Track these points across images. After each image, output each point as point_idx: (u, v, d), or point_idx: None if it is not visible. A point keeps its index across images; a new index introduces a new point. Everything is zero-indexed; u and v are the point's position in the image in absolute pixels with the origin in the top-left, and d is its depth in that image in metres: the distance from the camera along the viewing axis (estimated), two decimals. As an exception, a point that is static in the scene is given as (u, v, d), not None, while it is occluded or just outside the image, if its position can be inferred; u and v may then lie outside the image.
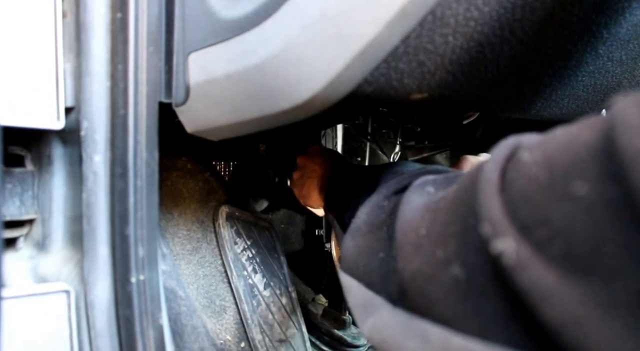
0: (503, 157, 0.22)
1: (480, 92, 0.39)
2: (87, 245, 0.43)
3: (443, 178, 0.32)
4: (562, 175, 0.18)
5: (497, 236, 0.20)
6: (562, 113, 0.50)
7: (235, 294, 0.71)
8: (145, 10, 0.40)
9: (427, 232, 0.26)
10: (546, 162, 0.19)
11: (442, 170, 0.39)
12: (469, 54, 0.32)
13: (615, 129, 0.16)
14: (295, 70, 0.33)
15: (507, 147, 0.23)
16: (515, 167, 0.21)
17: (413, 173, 0.38)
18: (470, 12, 0.29)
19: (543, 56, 0.37)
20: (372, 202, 0.37)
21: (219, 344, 0.68)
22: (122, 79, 0.41)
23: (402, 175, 0.39)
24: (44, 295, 0.42)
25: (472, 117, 0.61)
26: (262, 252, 0.79)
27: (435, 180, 0.33)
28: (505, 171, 0.22)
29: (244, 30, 0.35)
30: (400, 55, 0.30)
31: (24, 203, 0.45)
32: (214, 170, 0.76)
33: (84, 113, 0.42)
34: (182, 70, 0.41)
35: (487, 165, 0.23)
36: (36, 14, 0.40)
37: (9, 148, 0.45)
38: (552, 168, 0.19)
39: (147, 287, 0.44)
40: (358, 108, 0.65)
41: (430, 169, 0.39)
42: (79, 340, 0.43)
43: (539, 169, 0.19)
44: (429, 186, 0.31)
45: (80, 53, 0.42)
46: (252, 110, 0.38)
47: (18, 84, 0.40)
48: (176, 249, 0.68)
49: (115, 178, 0.42)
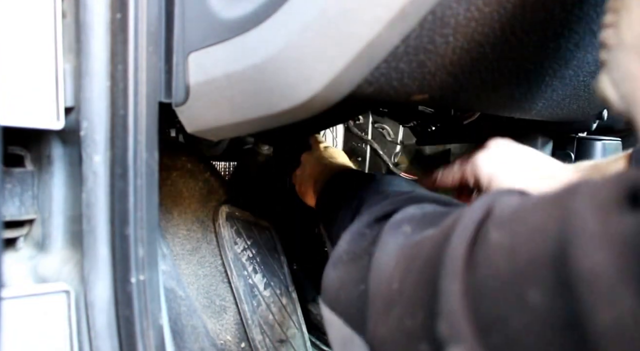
0: (474, 226, 0.22)
1: (481, 92, 0.38)
2: (87, 245, 0.43)
3: (421, 216, 0.31)
4: (521, 276, 0.18)
5: (452, 340, 0.19)
6: (563, 113, 0.50)
7: (236, 294, 0.71)
8: (145, 11, 0.40)
9: (398, 287, 0.26)
10: (509, 253, 0.19)
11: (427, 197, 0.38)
12: (470, 54, 0.32)
13: (572, 239, 0.16)
14: (295, 70, 0.33)
15: (480, 209, 0.23)
16: (482, 247, 0.21)
17: (396, 199, 0.37)
18: (470, 12, 0.28)
19: (544, 56, 0.37)
20: (354, 230, 0.36)
21: (219, 344, 0.68)
22: (122, 78, 0.41)
23: (386, 199, 0.38)
24: (44, 295, 0.42)
25: (473, 117, 0.61)
26: (263, 251, 0.79)
27: (413, 217, 0.32)
28: (473, 246, 0.21)
29: (244, 30, 0.35)
30: (401, 55, 0.30)
31: (23, 203, 0.45)
32: (214, 170, 0.76)
33: (84, 114, 0.42)
34: (182, 70, 0.41)
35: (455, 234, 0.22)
36: (36, 14, 0.40)
37: (8, 148, 0.45)
38: (514, 264, 0.18)
39: (147, 287, 0.44)
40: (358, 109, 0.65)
41: (415, 195, 0.38)
42: (79, 340, 0.43)
43: (502, 260, 0.19)
44: (405, 225, 0.31)
45: (80, 53, 0.42)
46: (252, 110, 0.38)
47: (18, 84, 0.39)
48: (176, 249, 0.68)
49: (115, 178, 0.42)
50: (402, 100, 0.35)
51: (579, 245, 0.16)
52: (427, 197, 0.38)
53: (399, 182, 0.47)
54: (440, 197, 0.39)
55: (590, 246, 0.15)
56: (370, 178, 0.48)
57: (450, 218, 0.25)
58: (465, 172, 0.53)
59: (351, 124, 1.01)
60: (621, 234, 0.15)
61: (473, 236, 0.21)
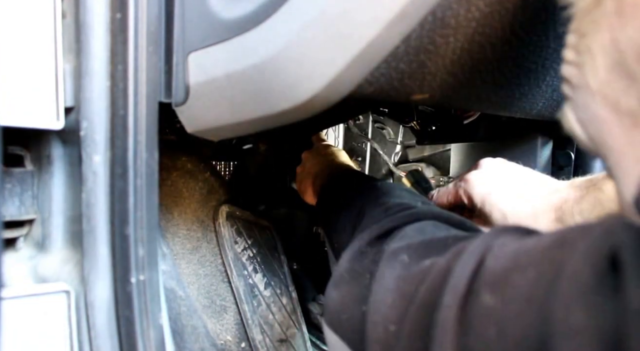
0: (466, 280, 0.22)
1: (481, 92, 0.38)
2: (87, 245, 0.43)
3: (418, 245, 0.31)
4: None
5: None
6: (563, 113, 0.49)
7: (236, 294, 0.71)
8: (145, 11, 0.40)
9: (395, 330, 0.26)
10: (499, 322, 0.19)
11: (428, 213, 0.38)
12: (470, 54, 0.32)
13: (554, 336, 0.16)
14: (295, 70, 0.33)
15: (474, 255, 0.23)
16: (473, 310, 0.21)
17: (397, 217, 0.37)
18: (471, 12, 0.28)
19: (545, 56, 0.37)
20: (354, 249, 0.36)
21: (219, 344, 0.68)
22: (122, 78, 0.41)
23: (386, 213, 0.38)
24: (44, 295, 0.42)
25: (473, 117, 0.61)
26: (263, 251, 0.79)
27: (411, 245, 0.31)
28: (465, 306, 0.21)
29: (243, 30, 0.35)
30: (401, 55, 0.30)
31: (23, 203, 0.45)
32: (214, 170, 0.76)
33: (84, 114, 0.42)
34: (181, 70, 0.41)
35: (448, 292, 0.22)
36: (36, 14, 0.40)
37: (8, 148, 0.45)
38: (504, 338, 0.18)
39: (147, 287, 0.44)
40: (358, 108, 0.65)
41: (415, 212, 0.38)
42: (79, 340, 0.43)
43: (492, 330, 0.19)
44: (403, 254, 0.31)
45: (80, 53, 0.42)
46: (252, 110, 0.38)
47: (18, 84, 0.39)
48: (176, 248, 0.68)
49: (115, 178, 0.42)
50: (402, 100, 0.35)
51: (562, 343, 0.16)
52: (427, 213, 0.38)
53: (400, 192, 0.47)
54: (441, 212, 0.39)
55: (573, 343, 0.15)
56: (370, 185, 0.48)
57: (446, 257, 0.25)
58: (459, 191, 0.53)
59: (351, 124, 1.01)
60: (603, 328, 0.15)
61: (465, 294, 0.21)
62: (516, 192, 0.49)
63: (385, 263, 0.31)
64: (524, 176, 0.51)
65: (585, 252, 0.17)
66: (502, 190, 0.49)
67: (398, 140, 0.96)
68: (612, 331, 0.14)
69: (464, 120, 0.62)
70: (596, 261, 0.16)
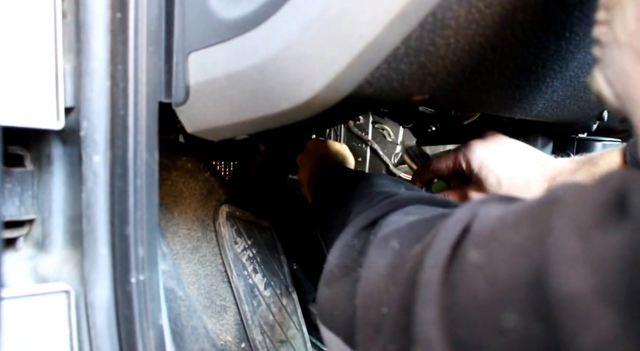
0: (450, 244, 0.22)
1: (481, 93, 0.38)
2: (87, 245, 0.43)
3: (407, 228, 0.31)
4: (498, 298, 0.18)
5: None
6: (563, 114, 0.50)
7: (236, 294, 0.71)
8: (145, 11, 0.40)
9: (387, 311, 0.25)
10: (487, 274, 0.19)
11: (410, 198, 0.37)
12: (471, 55, 0.32)
13: (549, 264, 0.16)
14: (296, 70, 0.33)
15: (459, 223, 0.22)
16: (459, 268, 0.20)
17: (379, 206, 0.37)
18: (471, 14, 0.28)
19: (545, 57, 0.37)
20: (342, 243, 0.36)
21: (219, 345, 0.68)
22: (122, 78, 0.41)
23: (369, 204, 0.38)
24: (44, 295, 0.42)
25: (474, 117, 0.61)
26: (263, 251, 0.79)
27: (399, 230, 0.31)
28: (450, 266, 0.21)
29: (244, 30, 0.35)
30: (401, 56, 0.30)
31: (23, 203, 0.45)
32: (214, 170, 0.76)
33: (84, 113, 0.42)
34: (182, 70, 0.41)
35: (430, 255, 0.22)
36: (36, 14, 0.40)
37: (8, 148, 0.45)
38: (491, 286, 0.18)
39: (147, 287, 0.44)
40: (358, 109, 0.65)
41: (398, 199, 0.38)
42: (79, 340, 0.43)
43: (479, 282, 0.19)
44: (393, 240, 0.30)
45: (80, 53, 0.42)
46: (252, 111, 0.38)
47: (18, 84, 0.39)
48: (176, 248, 0.68)
49: (115, 178, 0.42)
50: (402, 100, 0.35)
51: (557, 269, 0.15)
52: (409, 198, 0.38)
53: (382, 180, 0.47)
54: (423, 195, 0.39)
55: (569, 269, 0.15)
56: (355, 180, 0.48)
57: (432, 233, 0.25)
58: (459, 156, 0.54)
59: (351, 124, 1.01)
60: (601, 255, 0.15)
61: (449, 255, 0.21)
62: (513, 160, 0.50)
63: (376, 250, 0.31)
64: (524, 148, 0.52)
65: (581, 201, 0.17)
66: (499, 156, 0.51)
67: (398, 140, 0.96)
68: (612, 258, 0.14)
69: (464, 121, 0.62)
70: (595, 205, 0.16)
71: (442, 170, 0.57)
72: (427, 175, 0.60)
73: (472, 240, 0.21)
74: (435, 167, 0.58)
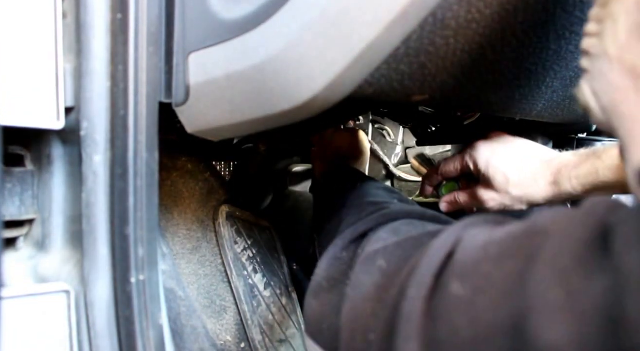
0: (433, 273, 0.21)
1: (481, 93, 0.38)
2: (87, 245, 0.43)
3: (394, 246, 0.31)
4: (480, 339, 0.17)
5: None
6: (563, 114, 0.50)
7: (236, 294, 0.71)
8: (146, 11, 0.40)
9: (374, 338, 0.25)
10: (470, 312, 0.19)
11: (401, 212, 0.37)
12: (471, 56, 0.32)
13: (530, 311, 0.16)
14: (296, 71, 0.33)
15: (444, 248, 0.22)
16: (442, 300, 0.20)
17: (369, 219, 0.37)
18: (471, 14, 0.28)
19: (545, 58, 0.37)
20: (330, 256, 0.36)
21: (219, 345, 0.68)
22: (123, 79, 0.41)
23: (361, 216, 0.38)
24: (44, 295, 0.42)
25: (474, 117, 0.61)
26: (263, 251, 0.79)
27: (387, 248, 0.31)
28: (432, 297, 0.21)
29: (244, 31, 0.35)
30: (401, 56, 0.30)
31: (23, 203, 0.45)
32: (214, 170, 0.76)
33: (84, 114, 0.42)
34: (182, 70, 0.41)
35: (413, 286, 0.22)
36: (36, 14, 0.40)
37: (9, 148, 0.45)
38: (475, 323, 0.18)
39: (147, 287, 0.44)
40: (358, 109, 0.65)
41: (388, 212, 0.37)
42: (79, 340, 0.43)
43: (462, 317, 0.19)
44: (380, 259, 0.30)
45: (81, 53, 0.42)
46: (252, 111, 0.38)
47: (18, 84, 0.39)
48: (176, 248, 0.68)
49: (115, 179, 0.42)
50: (402, 101, 0.35)
51: (537, 318, 0.15)
52: (400, 212, 0.38)
53: (376, 190, 0.48)
54: (414, 209, 0.39)
55: (549, 319, 0.15)
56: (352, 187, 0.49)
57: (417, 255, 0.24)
58: (466, 157, 0.55)
59: (351, 125, 1.01)
60: (582, 306, 0.14)
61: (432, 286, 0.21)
62: (519, 157, 0.51)
63: (362, 268, 0.30)
64: (528, 145, 0.53)
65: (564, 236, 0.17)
66: (505, 155, 0.52)
67: (398, 141, 0.96)
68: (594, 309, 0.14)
69: (464, 121, 0.62)
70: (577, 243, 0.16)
71: (451, 172, 0.58)
72: (436, 178, 0.62)
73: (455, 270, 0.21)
74: (444, 169, 0.59)
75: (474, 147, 0.54)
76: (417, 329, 0.20)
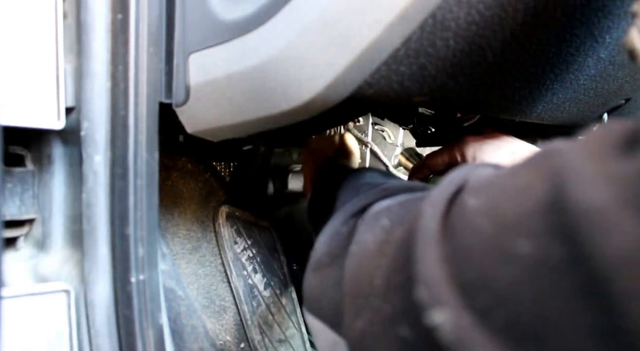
0: (446, 198, 0.21)
1: (481, 95, 0.38)
2: (87, 244, 0.43)
3: (398, 207, 0.30)
4: (506, 230, 0.16)
5: (434, 305, 0.18)
6: (563, 116, 0.50)
7: (235, 294, 0.71)
8: (146, 12, 0.40)
9: (377, 280, 0.24)
10: (491, 212, 0.18)
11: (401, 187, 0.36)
12: (470, 57, 0.32)
13: (567, 182, 0.15)
14: (296, 71, 0.33)
15: (453, 184, 0.22)
16: (458, 214, 0.19)
17: (369, 193, 0.36)
18: (471, 15, 0.28)
19: (545, 60, 0.37)
20: (330, 230, 0.35)
21: (218, 344, 0.68)
22: (123, 79, 0.41)
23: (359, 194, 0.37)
24: (44, 294, 0.42)
25: (473, 119, 0.61)
26: (263, 251, 0.79)
27: (390, 208, 0.30)
28: (448, 215, 0.20)
29: (244, 31, 0.35)
30: (401, 58, 0.30)
31: (24, 202, 0.46)
32: (214, 171, 0.76)
33: (85, 114, 0.42)
34: (182, 70, 0.41)
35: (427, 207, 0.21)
36: (37, 14, 0.40)
37: (9, 148, 0.45)
38: (497, 221, 0.17)
39: (147, 287, 0.44)
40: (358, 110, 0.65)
41: (388, 187, 0.37)
42: (79, 340, 0.44)
43: (483, 220, 0.18)
44: (383, 218, 0.29)
45: (81, 53, 0.42)
46: (252, 111, 0.38)
47: (19, 84, 0.40)
48: (176, 248, 0.68)
49: (116, 178, 0.42)
50: (402, 102, 0.35)
51: (576, 186, 0.14)
52: (400, 187, 0.37)
53: (371, 173, 0.47)
54: (414, 184, 0.38)
55: (589, 185, 0.14)
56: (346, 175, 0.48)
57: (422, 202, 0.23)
58: (454, 150, 0.55)
59: (351, 126, 1.01)
60: (619, 174, 0.14)
61: (447, 206, 0.20)
62: (506, 152, 0.51)
63: (365, 227, 0.29)
64: (516, 141, 0.53)
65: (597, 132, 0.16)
66: (492, 149, 0.51)
67: (398, 142, 0.96)
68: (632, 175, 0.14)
69: (464, 122, 0.62)
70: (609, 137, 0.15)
71: (438, 165, 0.57)
72: (423, 171, 0.61)
73: (470, 190, 0.20)
74: (431, 163, 0.58)
75: (463, 141, 0.54)
76: (436, 238, 0.19)
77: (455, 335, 0.17)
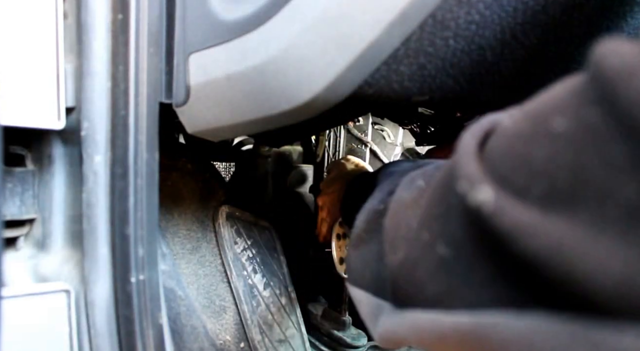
0: (482, 128, 0.22)
1: (481, 94, 0.39)
2: (87, 244, 0.43)
3: (433, 168, 0.31)
4: (544, 118, 0.17)
5: (473, 187, 0.19)
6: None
7: (235, 294, 0.71)
8: (146, 12, 0.40)
9: (414, 222, 0.26)
10: (529, 115, 0.19)
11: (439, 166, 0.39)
12: (470, 57, 0.32)
13: (600, 57, 0.16)
14: (296, 71, 0.33)
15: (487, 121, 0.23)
16: (496, 132, 0.20)
17: (406, 170, 0.37)
18: (471, 15, 0.29)
19: (544, 59, 0.37)
20: (368, 208, 0.37)
21: (218, 344, 0.68)
22: (123, 79, 0.41)
23: (395, 175, 0.39)
24: (44, 294, 0.42)
25: (473, 119, 0.61)
26: (262, 251, 0.79)
27: (425, 172, 0.32)
28: (485, 137, 0.21)
29: (244, 31, 0.35)
30: (401, 57, 0.30)
31: (24, 202, 0.46)
32: (214, 171, 0.76)
33: (85, 114, 0.42)
34: (182, 71, 0.41)
35: (465, 136, 0.22)
36: (37, 14, 0.40)
37: (9, 148, 0.45)
38: (535, 118, 0.18)
39: (147, 287, 0.44)
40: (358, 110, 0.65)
41: (423, 163, 0.39)
42: (79, 340, 0.44)
43: (521, 123, 0.19)
44: (419, 180, 0.31)
45: (81, 54, 0.42)
46: (252, 111, 0.38)
47: (19, 84, 0.40)
48: (176, 248, 0.68)
49: (116, 178, 0.42)
50: (402, 101, 0.35)
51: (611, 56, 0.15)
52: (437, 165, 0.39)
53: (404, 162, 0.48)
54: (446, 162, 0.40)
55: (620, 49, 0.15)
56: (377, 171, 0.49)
57: None
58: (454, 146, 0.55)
59: (351, 126, 1.01)
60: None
61: (482, 137, 0.21)
62: None
63: (402, 188, 0.31)
64: None
65: None
66: None
67: (398, 142, 0.96)
68: None
69: (463, 121, 0.62)
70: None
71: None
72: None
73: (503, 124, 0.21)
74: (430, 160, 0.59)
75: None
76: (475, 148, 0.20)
77: (495, 205, 0.18)
